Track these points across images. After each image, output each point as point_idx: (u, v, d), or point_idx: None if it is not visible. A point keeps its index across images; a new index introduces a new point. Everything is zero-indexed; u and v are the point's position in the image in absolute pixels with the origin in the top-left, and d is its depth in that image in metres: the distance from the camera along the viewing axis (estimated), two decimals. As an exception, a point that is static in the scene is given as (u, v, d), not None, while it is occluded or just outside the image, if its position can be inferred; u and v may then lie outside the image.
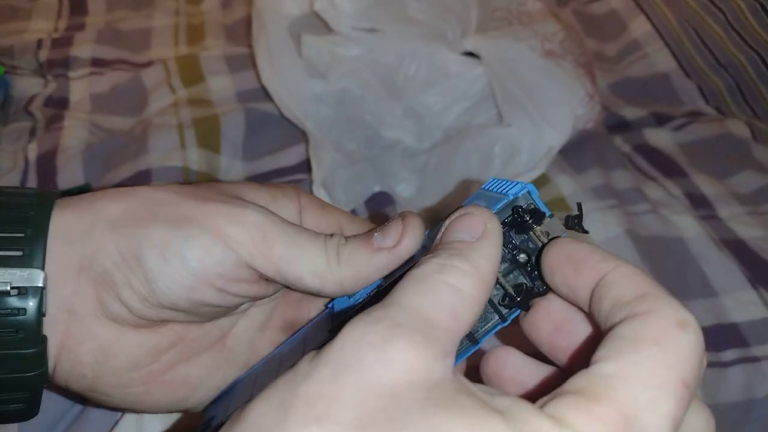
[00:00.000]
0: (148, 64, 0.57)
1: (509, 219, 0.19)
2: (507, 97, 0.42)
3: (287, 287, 0.18)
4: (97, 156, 0.46)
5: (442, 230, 0.17)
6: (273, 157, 0.45)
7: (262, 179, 0.45)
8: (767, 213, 0.44)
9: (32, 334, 0.17)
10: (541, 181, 0.44)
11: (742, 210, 0.45)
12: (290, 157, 0.46)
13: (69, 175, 0.44)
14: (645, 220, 0.42)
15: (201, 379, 0.21)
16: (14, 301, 0.16)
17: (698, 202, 0.45)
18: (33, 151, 0.47)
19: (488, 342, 0.19)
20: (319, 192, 0.38)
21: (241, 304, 0.20)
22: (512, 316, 0.19)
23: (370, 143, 0.47)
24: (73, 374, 0.19)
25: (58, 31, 0.62)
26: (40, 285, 0.17)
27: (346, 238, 0.19)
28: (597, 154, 0.46)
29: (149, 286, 0.18)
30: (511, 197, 0.19)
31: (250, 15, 0.53)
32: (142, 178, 0.42)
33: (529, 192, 0.19)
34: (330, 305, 0.19)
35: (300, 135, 0.47)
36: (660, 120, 0.54)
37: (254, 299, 0.19)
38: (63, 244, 0.18)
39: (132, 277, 0.17)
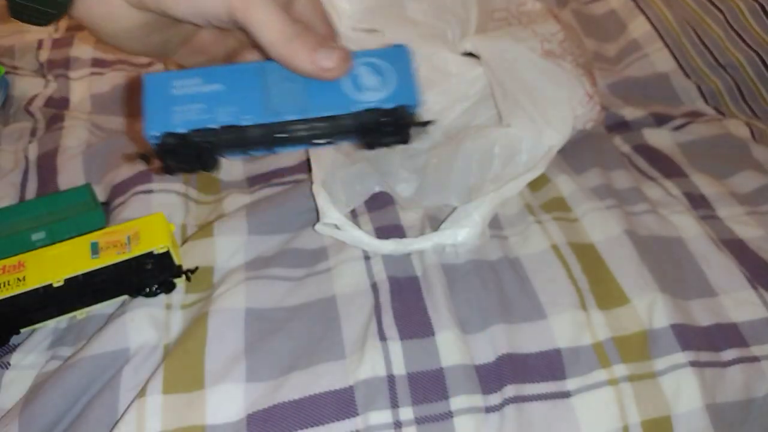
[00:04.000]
0: (149, 64, 0.57)
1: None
2: (507, 97, 0.42)
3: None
4: (98, 156, 0.46)
5: None
6: (274, 158, 0.46)
7: (263, 179, 0.45)
8: (767, 213, 0.45)
9: None
10: (540, 181, 0.44)
11: (742, 210, 0.45)
12: (291, 157, 0.46)
13: (69, 175, 0.44)
14: (644, 219, 0.42)
15: (172, 49, 0.27)
16: None
17: (697, 202, 0.45)
18: (33, 151, 0.47)
19: None
20: (320, 192, 0.38)
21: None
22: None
23: (370, 143, 0.47)
24: (84, 23, 0.24)
25: (58, 31, 0.62)
26: None
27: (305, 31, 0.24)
28: (596, 154, 0.46)
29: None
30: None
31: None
32: (142, 179, 0.42)
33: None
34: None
35: (300, 135, 0.47)
36: (659, 120, 0.54)
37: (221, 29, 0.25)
38: None
39: None
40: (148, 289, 0.35)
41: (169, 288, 0.36)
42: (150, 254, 0.34)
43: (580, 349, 0.34)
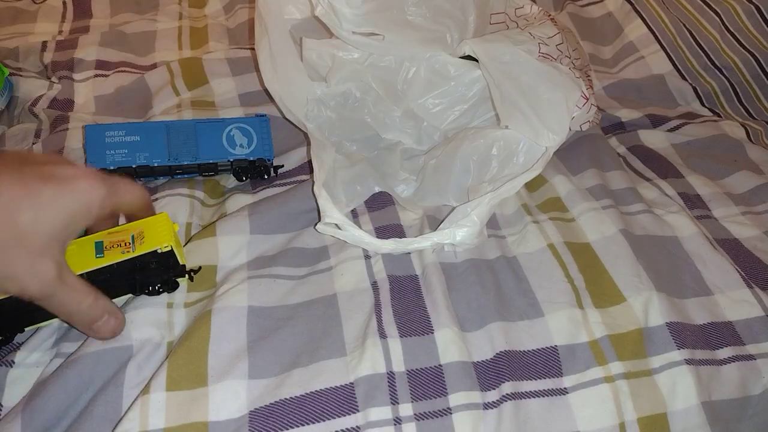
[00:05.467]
0: (152, 66, 0.57)
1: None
2: (504, 99, 0.43)
3: None
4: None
5: None
6: (276, 161, 0.46)
7: (264, 181, 0.45)
8: (762, 213, 0.45)
9: None
10: (537, 182, 0.44)
11: (737, 210, 0.45)
12: (292, 158, 0.47)
13: (74, 176, 0.45)
14: (640, 219, 0.42)
15: None
16: None
17: (693, 202, 0.45)
18: (38, 152, 0.47)
19: None
20: (321, 192, 0.38)
21: None
22: None
23: (370, 145, 0.47)
24: None
25: (62, 33, 0.63)
26: None
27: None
28: (592, 155, 0.47)
29: None
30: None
31: (253, 19, 0.54)
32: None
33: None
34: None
35: (301, 137, 0.48)
36: (655, 121, 0.54)
37: None
38: None
39: None
40: (151, 288, 0.36)
41: (172, 287, 0.36)
42: (154, 253, 0.35)
43: (576, 346, 0.34)
